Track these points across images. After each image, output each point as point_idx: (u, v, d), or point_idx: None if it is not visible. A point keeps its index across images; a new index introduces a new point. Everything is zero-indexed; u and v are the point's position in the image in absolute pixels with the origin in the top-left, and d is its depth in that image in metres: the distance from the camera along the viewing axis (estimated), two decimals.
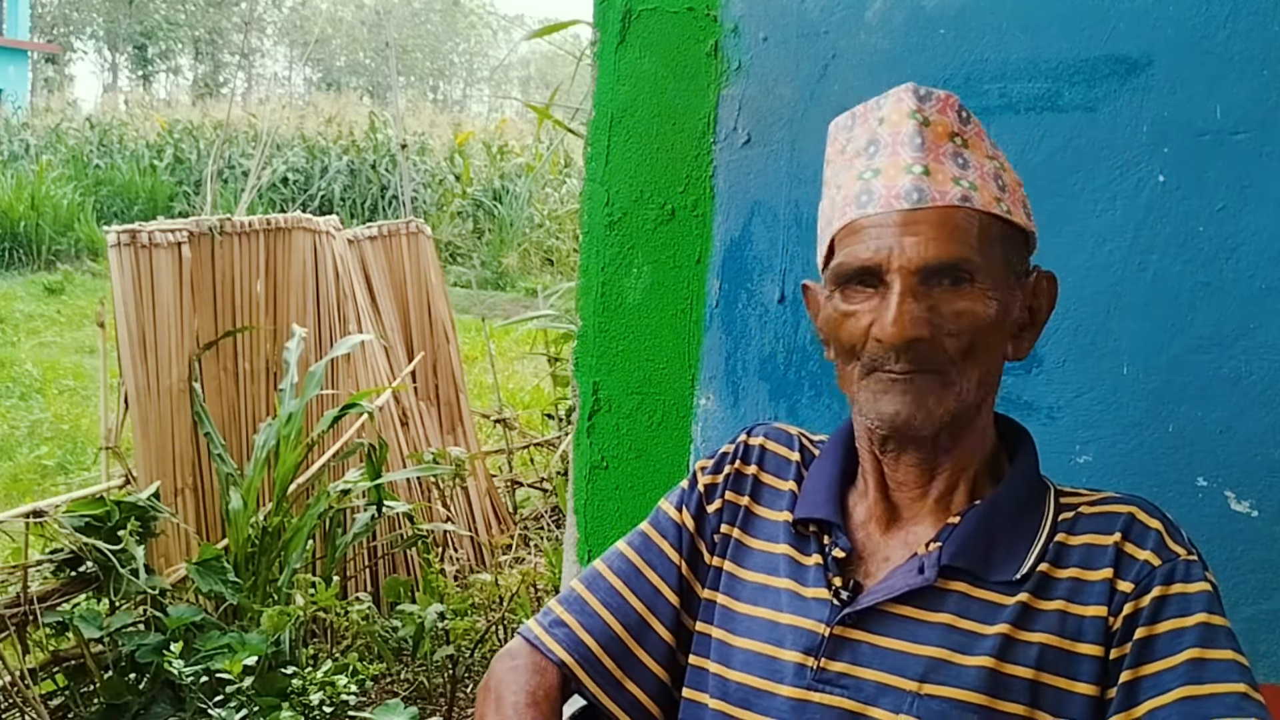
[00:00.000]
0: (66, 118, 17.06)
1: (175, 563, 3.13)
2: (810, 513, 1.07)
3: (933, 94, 1.02)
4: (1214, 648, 0.93)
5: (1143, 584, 0.96)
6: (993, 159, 1.03)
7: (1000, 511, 1.02)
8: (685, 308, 1.61)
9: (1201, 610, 0.95)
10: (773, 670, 1.03)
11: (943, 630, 0.98)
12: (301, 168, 13.93)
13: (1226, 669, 0.92)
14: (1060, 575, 0.99)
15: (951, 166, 1.00)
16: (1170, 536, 0.99)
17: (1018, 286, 1.02)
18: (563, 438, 4.62)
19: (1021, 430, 1.10)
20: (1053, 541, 1.01)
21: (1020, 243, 1.03)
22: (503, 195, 13.51)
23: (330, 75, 42.65)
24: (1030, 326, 1.05)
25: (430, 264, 4.42)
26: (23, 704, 2.55)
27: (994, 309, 0.98)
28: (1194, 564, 0.98)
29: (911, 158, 0.99)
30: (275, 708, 2.60)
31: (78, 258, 11.76)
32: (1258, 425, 1.37)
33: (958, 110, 1.03)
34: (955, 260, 0.96)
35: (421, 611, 3.14)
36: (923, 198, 0.97)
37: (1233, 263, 1.37)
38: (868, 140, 1.03)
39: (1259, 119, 1.35)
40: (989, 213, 0.99)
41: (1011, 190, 1.03)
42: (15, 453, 5.80)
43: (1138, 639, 0.95)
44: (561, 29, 2.99)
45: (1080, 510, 1.02)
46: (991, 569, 0.99)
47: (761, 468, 1.15)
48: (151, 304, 3.24)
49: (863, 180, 1.01)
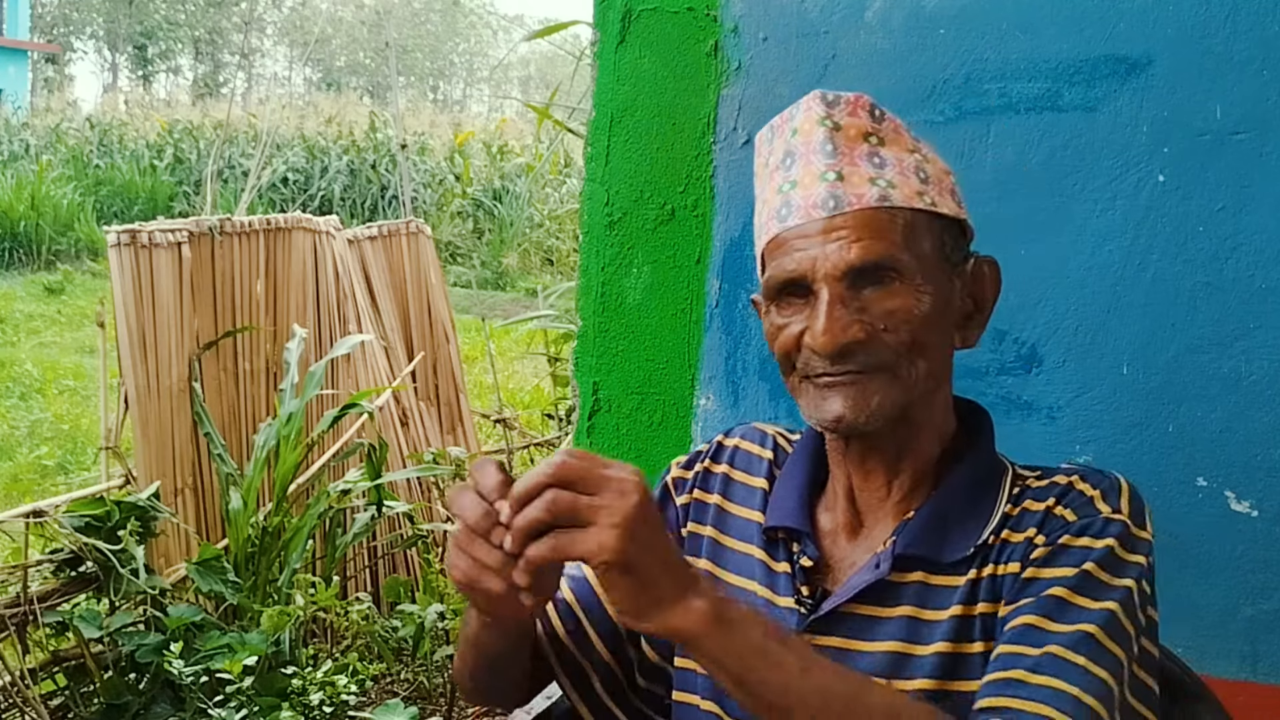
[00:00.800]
0: (66, 118, 17.07)
1: (175, 563, 3.12)
2: (780, 521, 1.07)
3: (841, 97, 1.02)
4: (1086, 596, 0.91)
5: (1053, 537, 0.95)
6: (914, 152, 1.03)
7: (954, 496, 1.02)
8: (685, 308, 1.61)
9: (1091, 561, 0.93)
10: None
11: (901, 623, 0.98)
12: (301, 168, 13.93)
13: (1085, 612, 0.90)
14: (999, 543, 0.99)
15: (867, 167, 0.99)
16: (1104, 499, 0.97)
17: (955, 275, 1.02)
18: (563, 438, 4.62)
19: (980, 412, 1.09)
20: (1002, 515, 1.00)
21: (953, 232, 1.02)
22: (503, 195, 13.51)
23: (330, 75, 42.66)
24: (976, 313, 1.05)
25: (430, 264, 4.42)
26: (23, 704, 2.55)
27: (928, 303, 0.97)
28: (1112, 522, 0.95)
29: (825, 165, 1.00)
30: (275, 708, 2.60)
31: (78, 258, 11.76)
32: (1258, 425, 1.37)
33: (869, 110, 1.02)
34: (879, 260, 0.96)
35: (421, 611, 3.14)
36: (839, 204, 0.98)
37: (1233, 263, 1.37)
38: (784, 153, 1.03)
39: (1259, 119, 1.35)
40: (911, 208, 0.98)
41: (937, 180, 1.02)
42: (15, 453, 5.81)
43: (1023, 578, 0.95)
44: (561, 29, 2.99)
45: (1028, 484, 1.02)
46: (946, 550, 0.99)
47: (732, 465, 1.16)
48: (151, 304, 3.24)
49: (782, 193, 1.02)
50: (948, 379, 1.05)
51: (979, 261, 1.05)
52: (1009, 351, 1.46)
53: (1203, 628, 1.40)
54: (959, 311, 1.03)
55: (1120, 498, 0.97)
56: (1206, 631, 1.40)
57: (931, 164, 1.03)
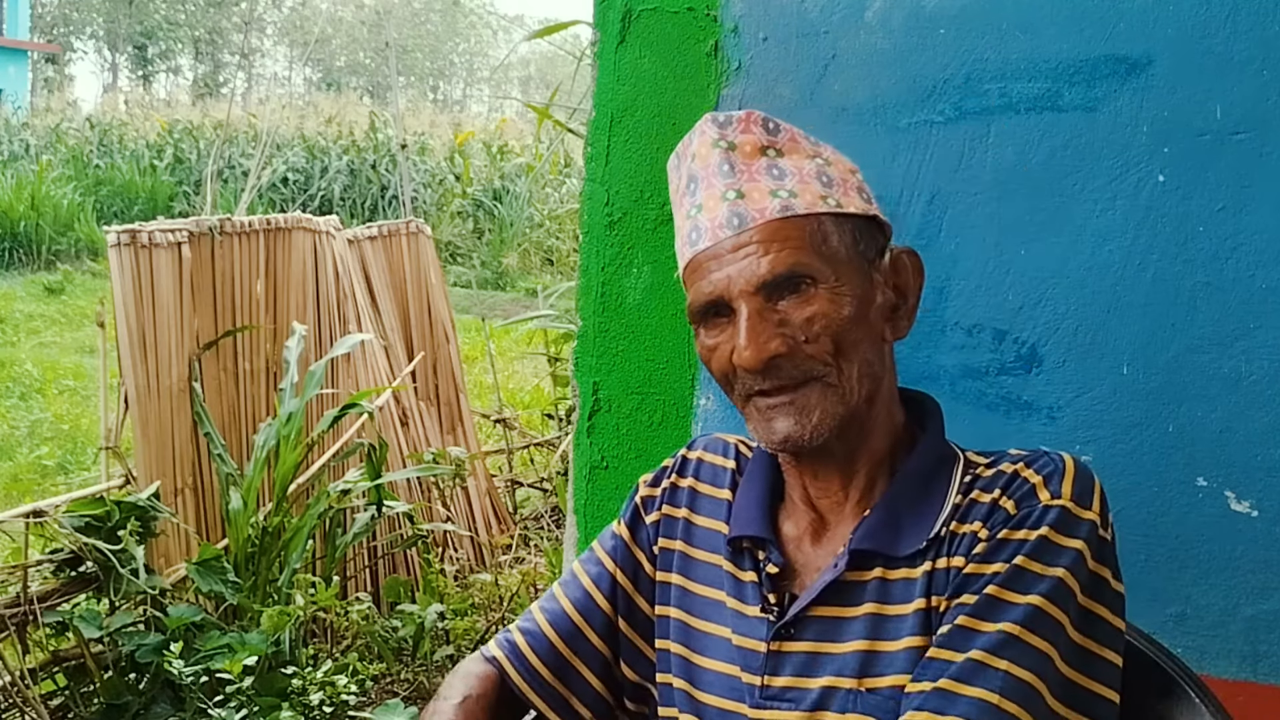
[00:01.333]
0: (66, 118, 17.06)
1: (175, 563, 3.12)
2: (743, 530, 1.08)
3: (733, 117, 1.04)
4: (1013, 591, 0.92)
5: (994, 531, 0.96)
6: (814, 158, 1.03)
7: (906, 488, 1.02)
8: (685, 308, 1.61)
9: (1023, 554, 0.93)
10: (734, 690, 1.04)
11: (868, 621, 0.98)
12: (301, 168, 13.93)
13: (1010, 610, 0.91)
14: (951, 534, 0.99)
15: (766, 180, 1.01)
16: (1045, 485, 0.97)
17: (874, 270, 1.02)
18: (563, 438, 4.62)
19: (927, 401, 1.10)
20: (953, 505, 1.00)
21: (865, 229, 1.03)
22: (503, 195, 13.51)
23: (330, 75, 42.65)
24: (903, 305, 1.05)
25: (430, 264, 4.42)
26: (23, 704, 2.55)
27: (848, 304, 0.98)
28: (1049, 509, 0.95)
29: (725, 185, 1.01)
30: (275, 708, 2.60)
31: (78, 258, 11.75)
32: (1258, 425, 1.37)
33: (763, 124, 1.03)
34: (789, 269, 0.97)
35: (421, 611, 3.14)
36: (743, 221, 0.99)
37: (1233, 263, 1.37)
38: (688, 178, 1.05)
39: (1259, 119, 1.35)
40: (815, 213, 0.99)
41: (841, 181, 1.03)
42: (15, 453, 5.80)
43: (963, 573, 0.95)
44: (561, 29, 2.99)
45: (978, 472, 1.02)
46: (899, 544, 0.99)
47: (697, 478, 1.16)
48: (151, 304, 3.24)
49: (690, 218, 1.03)
50: (888, 373, 1.05)
51: (897, 253, 1.06)
52: (1009, 351, 1.46)
53: (1203, 628, 1.40)
54: (884, 305, 1.03)
55: (1062, 481, 0.97)
56: (1206, 631, 1.40)
57: (834, 166, 1.04)
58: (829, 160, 1.04)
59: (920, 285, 1.07)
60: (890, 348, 1.06)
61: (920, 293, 1.07)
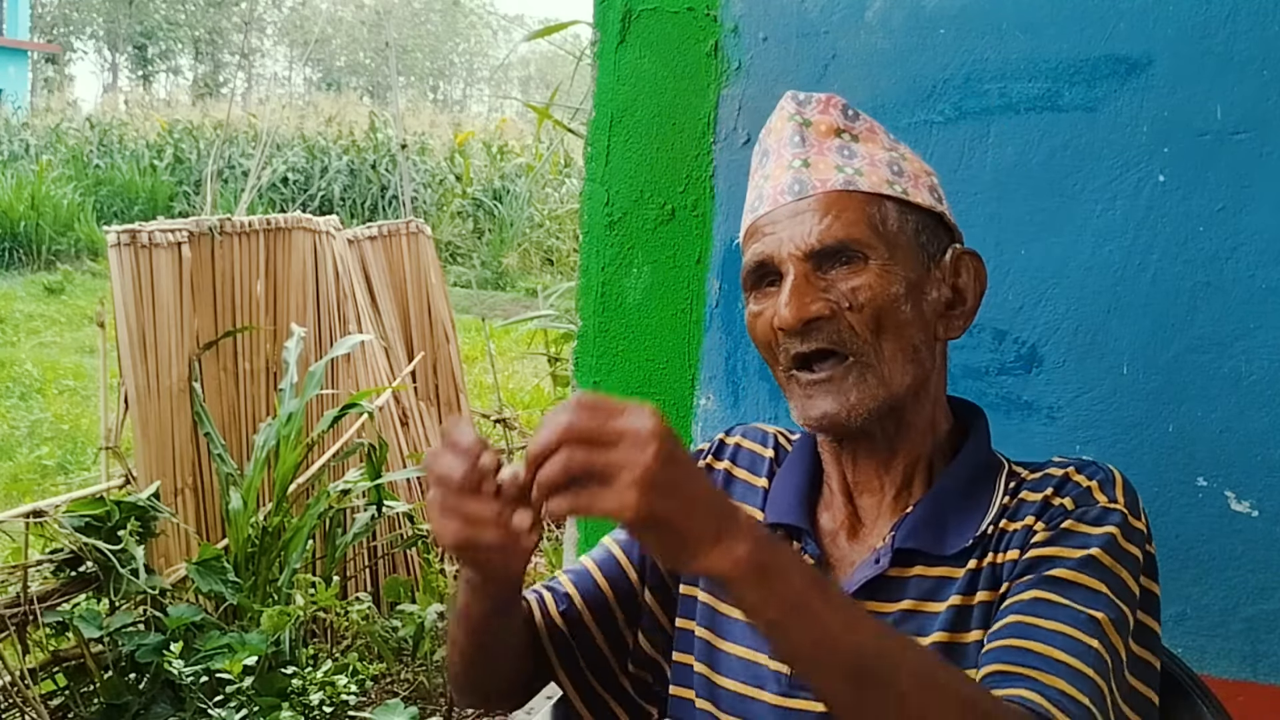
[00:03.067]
0: (66, 118, 17.06)
1: (175, 563, 3.12)
2: (779, 518, 1.07)
3: (813, 97, 1.05)
4: (1089, 576, 0.91)
5: (1054, 523, 0.95)
6: (890, 150, 1.03)
7: (951, 491, 1.02)
8: (685, 308, 1.61)
9: (1095, 547, 0.93)
10: (756, 676, 1.04)
11: (902, 616, 0.98)
12: (301, 168, 13.93)
13: (1089, 596, 0.90)
14: (997, 532, 0.99)
15: (835, 157, 1.01)
16: (1100, 489, 0.97)
17: (933, 264, 1.01)
18: None
19: (975, 410, 1.09)
20: (1000, 507, 1.00)
21: (930, 224, 1.02)
22: (503, 195, 13.51)
23: (330, 75, 42.66)
24: (961, 306, 1.04)
25: (430, 264, 4.42)
26: (23, 704, 2.55)
27: (897, 283, 0.97)
28: (1112, 511, 0.95)
29: (792, 154, 1.02)
30: (275, 708, 2.60)
31: (78, 258, 11.75)
32: (1258, 425, 1.37)
33: (842, 109, 1.04)
34: (843, 240, 0.97)
35: (421, 611, 3.14)
36: (804, 187, 0.99)
37: (1233, 263, 1.37)
38: (762, 153, 1.07)
39: (1259, 119, 1.35)
40: (879, 194, 0.99)
41: (913, 176, 1.02)
42: (15, 453, 5.80)
43: (1025, 558, 0.94)
44: (561, 29, 2.99)
45: (1024, 478, 1.02)
46: (945, 543, 0.99)
47: (734, 463, 1.16)
48: (151, 304, 3.24)
49: (756, 188, 1.05)
50: (937, 372, 1.04)
51: (961, 253, 1.05)
52: (1009, 351, 1.46)
53: (1203, 628, 1.40)
54: (938, 301, 1.02)
55: (1115, 488, 0.98)
56: (1206, 631, 1.40)
57: (909, 162, 1.04)
58: (905, 156, 1.04)
59: (981, 290, 1.06)
60: (944, 347, 1.04)
61: (980, 297, 1.05)
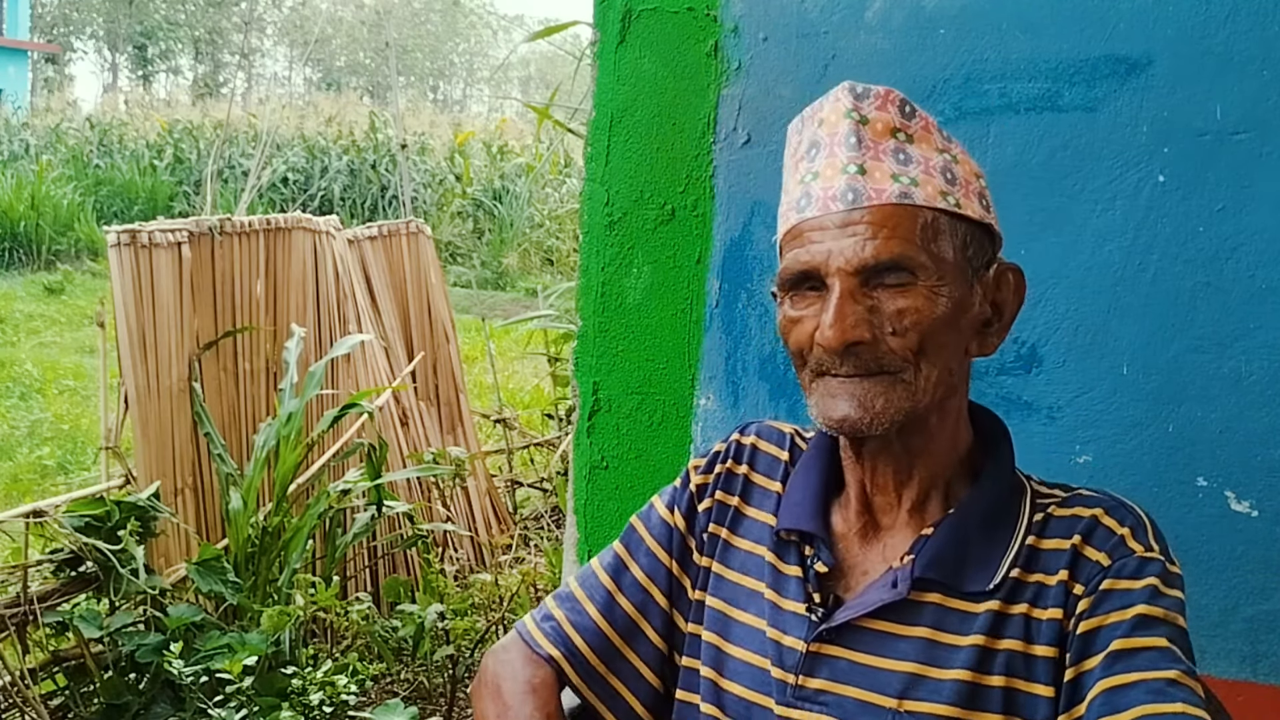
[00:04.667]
0: (66, 118, 17.06)
1: (175, 563, 3.12)
2: (793, 524, 1.06)
3: (871, 90, 1.00)
4: (1144, 636, 0.91)
5: (1092, 584, 0.94)
6: (943, 152, 1.00)
7: (972, 519, 1.00)
8: (685, 308, 1.61)
9: (1141, 603, 0.92)
10: (762, 683, 1.03)
11: (920, 644, 0.97)
12: (301, 168, 13.93)
13: (1155, 657, 0.90)
14: (1028, 580, 0.97)
15: (891, 163, 0.97)
16: (1133, 536, 0.96)
17: (976, 281, 0.99)
18: (563, 438, 4.62)
19: (998, 425, 1.07)
20: (1024, 546, 0.99)
21: (978, 236, 0.99)
22: (503, 195, 13.51)
23: (330, 75, 42.65)
24: (996, 322, 1.03)
25: (430, 264, 4.42)
26: (23, 704, 2.55)
27: (943, 305, 0.95)
28: (1149, 561, 0.95)
29: (847, 158, 0.97)
30: (275, 708, 2.60)
31: (78, 258, 11.76)
32: (1258, 425, 1.37)
33: (899, 105, 1.00)
34: (894, 258, 0.94)
35: (421, 611, 3.14)
36: (858, 197, 0.95)
37: (1233, 263, 1.37)
38: (810, 143, 1.02)
39: (1259, 119, 1.35)
40: (933, 207, 0.96)
41: (965, 183, 0.99)
42: (15, 453, 5.80)
43: (1079, 634, 0.93)
44: (561, 29, 2.99)
45: (1050, 512, 1.00)
46: (965, 579, 0.97)
47: (753, 468, 1.14)
48: (151, 304, 3.24)
49: (803, 184, 1.00)
50: (963, 386, 1.03)
51: (1004, 268, 1.03)
52: (1009, 351, 1.46)
53: (1203, 628, 1.40)
54: (977, 318, 1.00)
55: (1148, 534, 0.97)
56: (1206, 631, 1.40)
57: (961, 165, 1.01)
58: (956, 158, 1.01)
59: (1019, 305, 1.04)
60: (970, 362, 1.03)
61: (1017, 313, 1.04)
